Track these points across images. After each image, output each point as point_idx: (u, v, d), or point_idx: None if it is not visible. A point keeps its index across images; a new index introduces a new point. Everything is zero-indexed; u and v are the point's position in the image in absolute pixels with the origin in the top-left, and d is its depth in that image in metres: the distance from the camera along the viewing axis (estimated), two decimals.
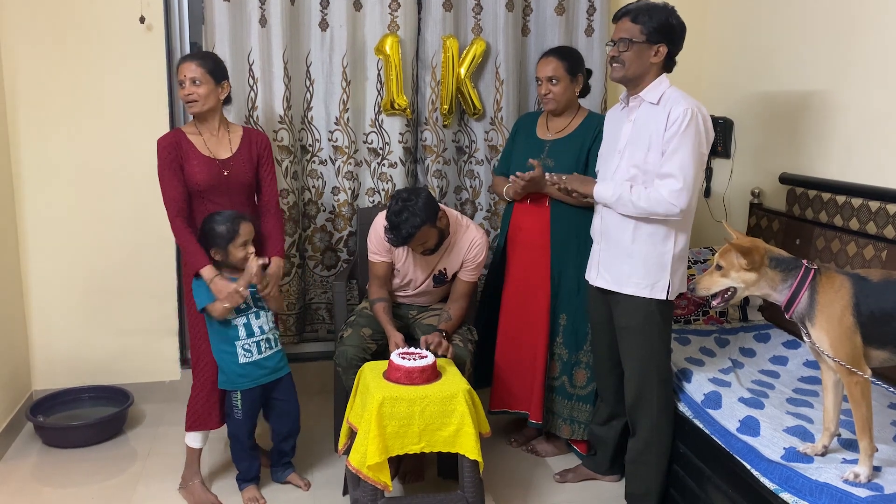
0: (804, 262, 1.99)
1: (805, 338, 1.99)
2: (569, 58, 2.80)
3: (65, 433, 3.07)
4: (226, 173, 2.60)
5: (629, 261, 2.41)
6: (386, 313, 2.75)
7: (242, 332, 2.56)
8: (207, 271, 2.48)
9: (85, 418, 3.15)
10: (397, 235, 2.58)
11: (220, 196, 2.61)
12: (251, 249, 2.54)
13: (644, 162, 2.32)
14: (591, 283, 2.60)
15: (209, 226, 2.51)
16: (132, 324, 3.37)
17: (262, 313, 2.61)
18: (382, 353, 2.70)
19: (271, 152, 2.77)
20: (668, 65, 2.37)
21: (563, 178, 2.54)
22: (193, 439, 2.67)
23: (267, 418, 2.76)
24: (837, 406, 2.02)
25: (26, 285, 3.27)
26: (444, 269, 2.82)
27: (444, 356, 2.58)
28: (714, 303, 2.10)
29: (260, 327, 2.60)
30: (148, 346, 3.41)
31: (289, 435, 2.77)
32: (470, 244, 2.78)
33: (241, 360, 2.56)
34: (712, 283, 2.08)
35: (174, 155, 2.55)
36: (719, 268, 2.06)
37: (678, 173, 2.24)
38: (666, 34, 2.31)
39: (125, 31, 3.15)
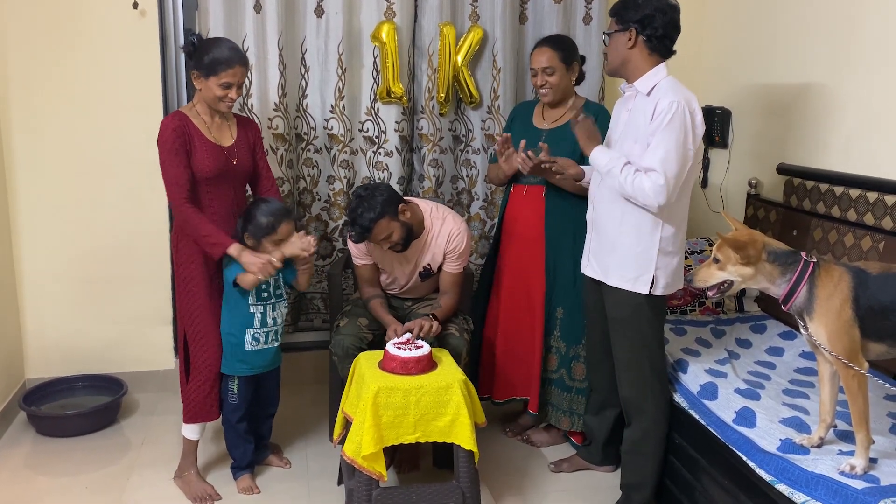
0: (803, 255, 1.98)
1: (802, 330, 1.98)
2: (563, 47, 2.77)
3: (58, 422, 3.06)
4: (234, 162, 2.57)
5: (615, 252, 2.40)
6: (382, 307, 2.75)
7: (257, 321, 2.57)
8: (234, 248, 2.44)
9: (78, 407, 3.14)
10: (355, 230, 2.58)
11: (224, 185, 2.57)
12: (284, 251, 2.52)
13: (630, 152, 2.31)
14: (583, 272, 2.60)
15: (254, 211, 2.52)
16: (126, 312, 3.36)
17: (278, 305, 2.62)
18: (379, 342, 2.69)
19: (262, 139, 2.75)
20: (659, 50, 2.31)
21: (557, 160, 2.54)
22: (191, 431, 2.66)
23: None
24: (834, 398, 2.01)
25: (19, 273, 3.24)
26: (429, 264, 2.80)
27: (433, 341, 2.58)
28: (709, 293, 2.09)
29: (273, 319, 2.61)
30: (142, 335, 3.39)
31: (266, 416, 2.80)
32: (449, 236, 2.75)
33: (247, 346, 2.58)
34: (709, 276, 2.07)
35: (182, 139, 2.46)
36: (716, 261, 2.05)
37: (660, 168, 2.20)
38: (630, 16, 2.28)
39: (118, 18, 3.11)
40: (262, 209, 2.52)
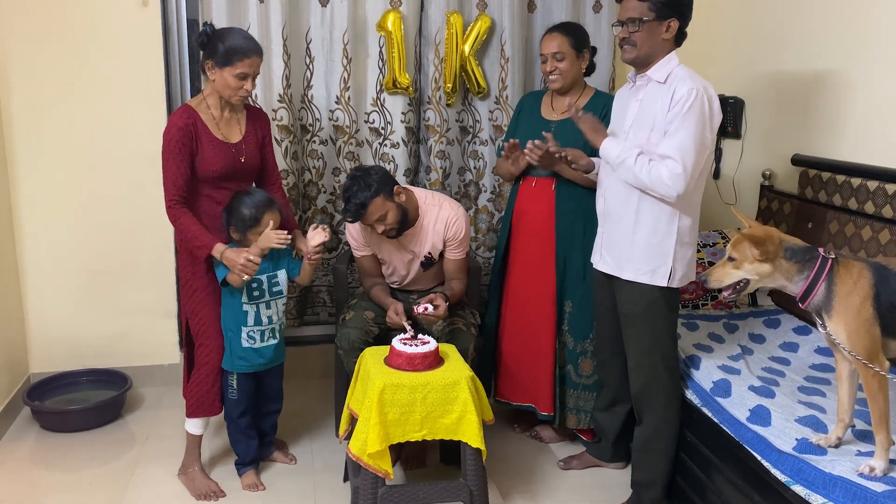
0: (821, 251, 1.91)
1: (820, 328, 1.92)
2: (574, 33, 2.72)
3: (63, 417, 3.04)
4: (243, 160, 2.52)
5: (630, 245, 2.35)
6: (383, 292, 2.73)
7: (251, 319, 2.54)
8: (217, 249, 2.41)
9: (83, 402, 3.13)
10: (350, 209, 2.55)
11: (231, 183, 2.53)
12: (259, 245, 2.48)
13: (647, 142, 2.26)
14: (594, 266, 2.55)
15: (237, 204, 2.47)
16: (130, 306, 3.33)
17: (273, 303, 2.58)
18: (385, 337, 2.66)
19: (271, 132, 2.70)
20: (678, 39, 2.29)
21: (568, 151, 2.47)
22: (194, 426, 2.64)
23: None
24: (852, 397, 1.95)
25: (22, 267, 3.22)
26: (429, 252, 2.75)
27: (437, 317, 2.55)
28: (724, 294, 2.02)
29: (269, 317, 2.57)
30: (146, 329, 3.37)
31: (270, 413, 2.77)
32: (447, 223, 2.71)
33: (244, 344, 2.55)
34: (724, 275, 2.00)
35: (188, 139, 2.41)
36: (731, 259, 1.98)
37: (677, 156, 2.16)
38: (675, 7, 2.23)
39: (121, 8, 3.08)
40: (244, 201, 2.46)
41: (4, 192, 3.11)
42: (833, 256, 1.89)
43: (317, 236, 2.54)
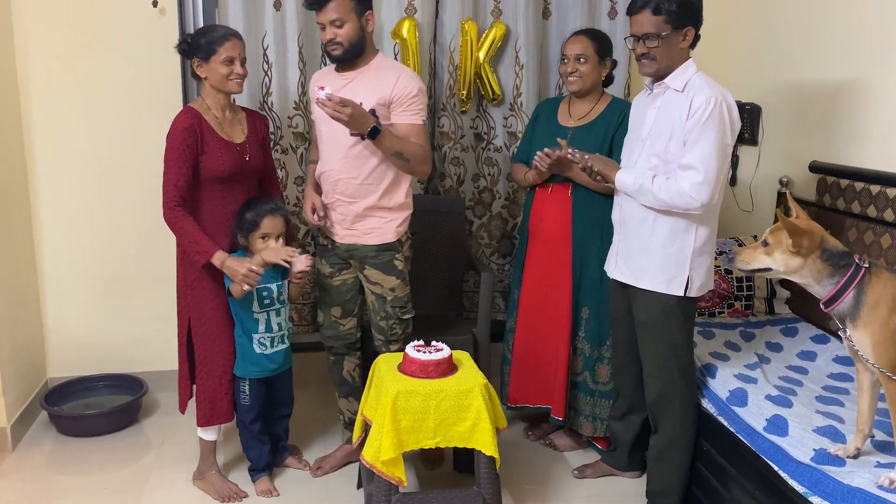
0: (856, 258, 1.87)
1: (843, 337, 1.89)
2: (599, 39, 2.74)
3: (79, 422, 3.06)
4: (247, 158, 2.54)
5: (646, 254, 2.33)
6: (311, 176, 2.70)
7: (262, 327, 2.55)
8: (217, 257, 2.40)
9: (100, 407, 3.15)
10: None
11: (237, 185, 2.54)
12: (271, 244, 2.49)
13: (665, 151, 2.24)
14: (608, 275, 2.53)
15: (242, 208, 2.50)
16: (147, 311, 3.35)
17: (282, 310, 2.60)
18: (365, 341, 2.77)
19: (270, 134, 2.73)
20: (694, 44, 2.28)
21: (587, 156, 2.44)
22: (208, 432, 2.65)
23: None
24: (873, 407, 1.92)
25: (41, 273, 3.25)
26: (372, 109, 2.39)
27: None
28: (741, 271, 2.02)
29: (279, 324, 2.59)
30: (162, 334, 3.37)
31: (281, 418, 2.79)
32: (393, 78, 2.45)
33: (256, 350, 2.56)
34: (752, 259, 1.97)
35: (192, 140, 2.41)
36: (766, 244, 1.95)
37: (699, 165, 2.15)
38: (690, 15, 2.22)
39: (138, 16, 3.10)
40: (248, 205, 2.50)
41: (24, 200, 3.15)
42: (867, 265, 1.85)
43: (299, 263, 2.49)
